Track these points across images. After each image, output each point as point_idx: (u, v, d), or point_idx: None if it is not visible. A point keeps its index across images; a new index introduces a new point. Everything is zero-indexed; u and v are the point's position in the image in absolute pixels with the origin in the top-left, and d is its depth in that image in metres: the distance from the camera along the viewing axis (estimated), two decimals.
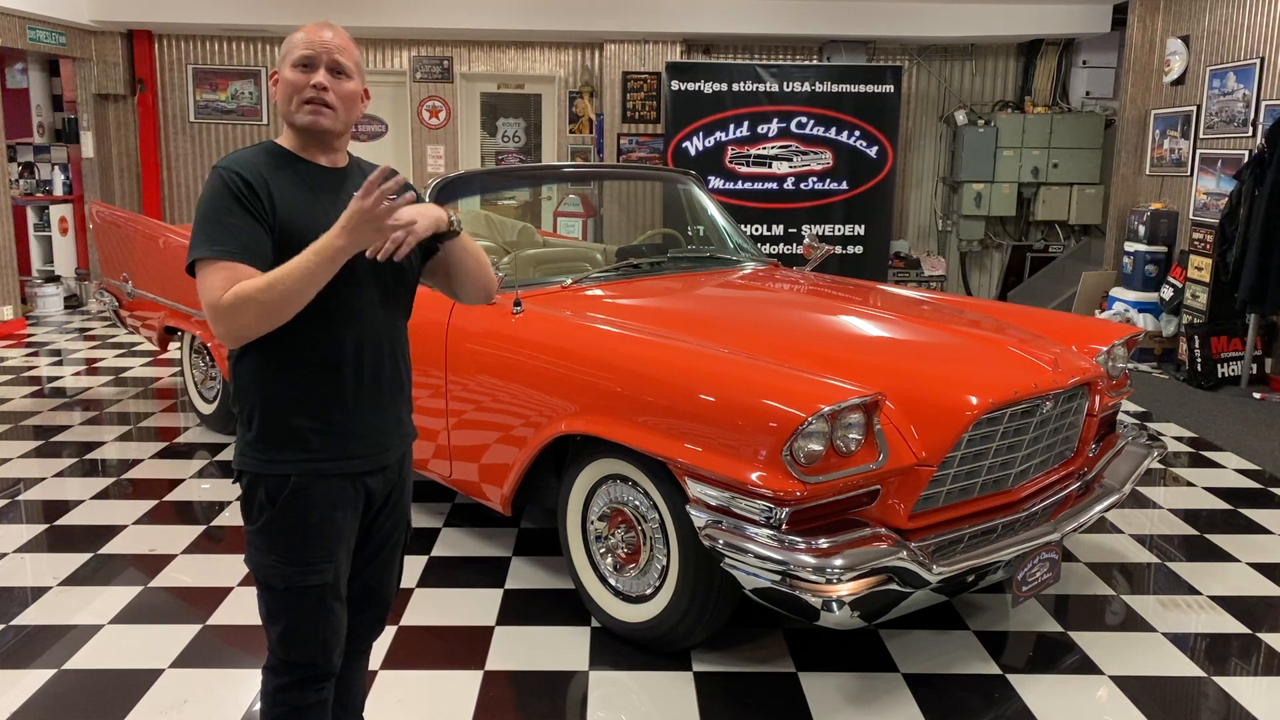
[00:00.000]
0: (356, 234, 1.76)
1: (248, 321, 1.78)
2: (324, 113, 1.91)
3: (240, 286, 1.77)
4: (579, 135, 9.78)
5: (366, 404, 1.97)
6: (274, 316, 1.79)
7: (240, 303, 1.76)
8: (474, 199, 5.56)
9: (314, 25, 1.96)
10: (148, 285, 5.42)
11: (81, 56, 9.13)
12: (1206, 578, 3.69)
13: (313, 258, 1.77)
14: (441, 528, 4.06)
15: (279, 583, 1.93)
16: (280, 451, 1.90)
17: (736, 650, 3.10)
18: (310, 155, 1.96)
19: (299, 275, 1.76)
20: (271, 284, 1.76)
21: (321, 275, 1.78)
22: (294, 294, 1.77)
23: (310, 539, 1.92)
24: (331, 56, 1.91)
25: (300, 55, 1.91)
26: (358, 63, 1.98)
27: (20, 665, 2.95)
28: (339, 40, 1.94)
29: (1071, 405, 3.19)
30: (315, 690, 1.99)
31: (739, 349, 3.06)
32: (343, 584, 2.00)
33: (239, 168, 1.86)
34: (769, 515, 2.58)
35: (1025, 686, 2.92)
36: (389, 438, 2.02)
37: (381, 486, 2.03)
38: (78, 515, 4.16)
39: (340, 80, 1.93)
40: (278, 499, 1.90)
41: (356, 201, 1.75)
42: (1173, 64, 7.78)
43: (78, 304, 9.45)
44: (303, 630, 1.95)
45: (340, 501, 1.95)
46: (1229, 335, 6.83)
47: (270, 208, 1.85)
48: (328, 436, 1.92)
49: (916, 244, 10.20)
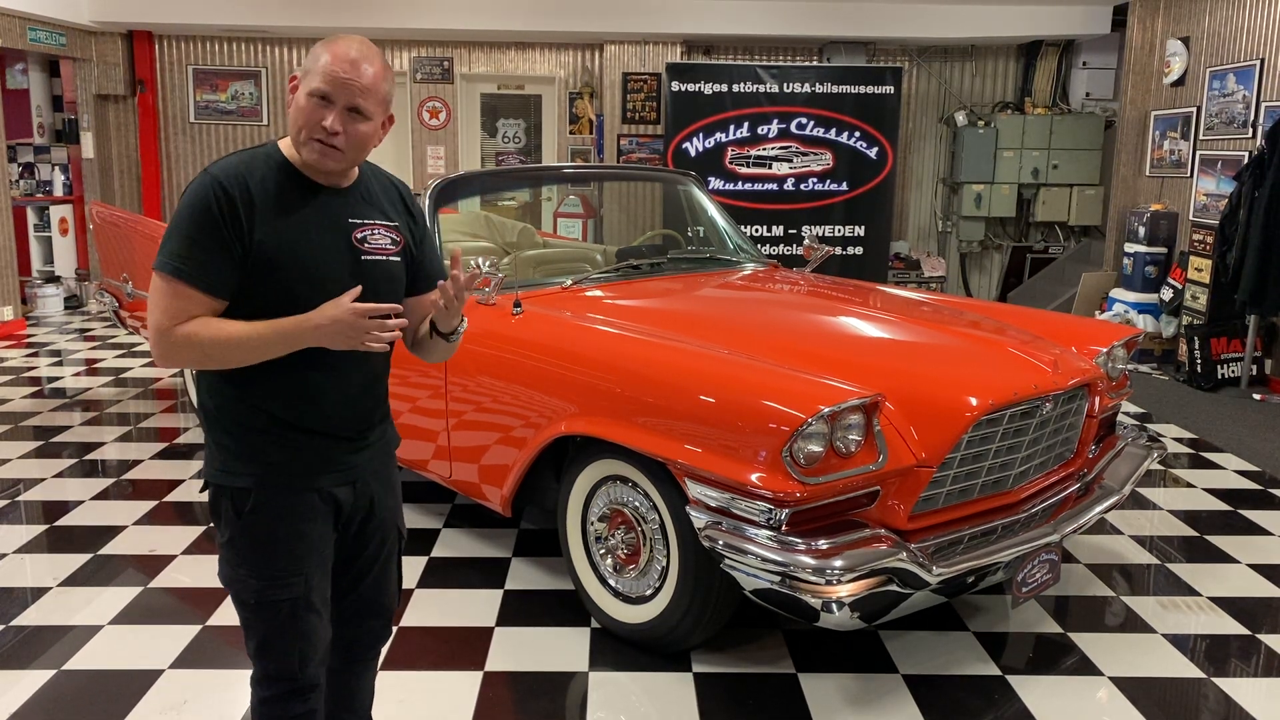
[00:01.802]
0: (330, 339, 1.75)
1: (183, 360, 1.80)
2: (331, 154, 1.81)
3: (193, 329, 1.74)
4: (579, 136, 9.78)
5: (333, 415, 1.90)
6: (212, 365, 1.80)
7: (186, 344, 1.76)
8: (474, 200, 5.57)
9: (343, 44, 1.80)
10: (148, 286, 5.40)
11: (82, 57, 9.13)
12: (1206, 579, 3.69)
13: (273, 337, 1.75)
14: (441, 529, 4.06)
15: (249, 596, 1.89)
16: (241, 463, 1.86)
17: (736, 651, 3.10)
18: (311, 173, 1.87)
19: (252, 346, 1.75)
20: (223, 342, 1.75)
21: (277, 353, 1.77)
22: (240, 358, 1.77)
23: (278, 553, 1.87)
24: (353, 101, 1.78)
25: (319, 88, 1.77)
26: (384, 100, 1.84)
27: (20, 666, 2.95)
28: (367, 79, 1.78)
29: (1071, 406, 3.19)
30: (300, 701, 1.96)
31: (739, 350, 3.06)
32: (319, 597, 1.94)
33: (226, 179, 1.77)
34: (769, 516, 2.58)
35: (1025, 687, 2.92)
36: (357, 447, 1.96)
37: (352, 498, 1.96)
38: (78, 516, 4.16)
39: (356, 121, 1.80)
40: (242, 512, 1.86)
41: (346, 310, 1.72)
42: (1173, 65, 7.79)
43: (78, 304, 9.45)
44: (278, 644, 1.92)
45: (306, 515, 1.89)
46: (1229, 336, 6.83)
47: (249, 229, 1.76)
48: (289, 450, 1.87)
49: (916, 245, 10.20)
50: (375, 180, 2.00)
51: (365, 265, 1.89)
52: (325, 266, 1.83)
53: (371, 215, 1.93)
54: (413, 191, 2.12)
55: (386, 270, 1.93)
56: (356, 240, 1.89)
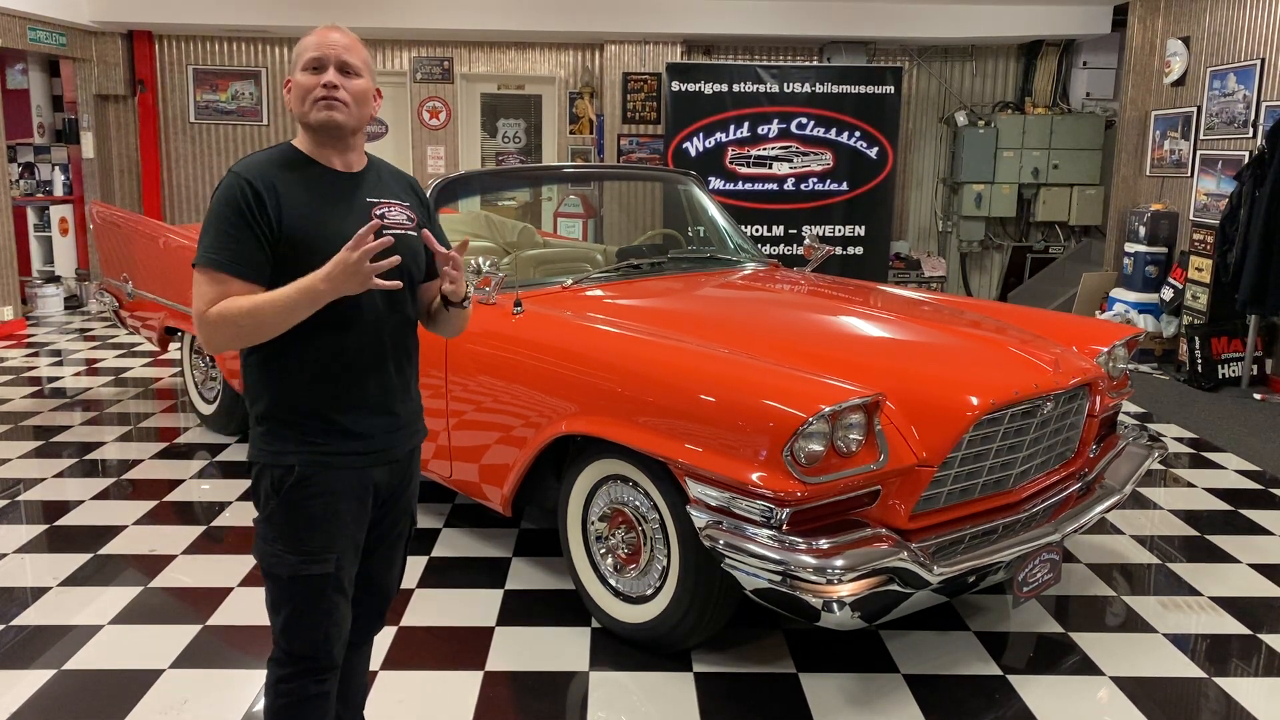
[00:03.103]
0: (338, 282, 1.82)
1: (224, 340, 1.88)
2: (337, 107, 1.94)
3: (224, 306, 1.85)
4: (579, 136, 9.78)
5: (371, 403, 2.01)
6: (249, 339, 1.89)
7: (221, 322, 1.86)
8: (474, 199, 5.57)
9: (321, 29, 2.01)
10: (148, 286, 5.41)
11: (82, 57, 9.13)
12: (1207, 579, 3.69)
13: (295, 295, 1.83)
14: (442, 528, 4.06)
15: (283, 571, 1.96)
16: (285, 443, 1.95)
17: (737, 651, 3.09)
18: (325, 159, 1.99)
19: (278, 309, 1.84)
20: (251, 311, 1.84)
21: (300, 312, 1.85)
22: (271, 324, 1.85)
23: (313, 528, 1.95)
24: (340, 57, 1.96)
25: (310, 58, 1.96)
26: (366, 62, 2.02)
27: (20, 666, 2.95)
28: (346, 40, 1.99)
29: (1072, 406, 3.19)
30: (317, 682, 2.02)
31: (739, 349, 3.06)
32: (347, 578, 2.02)
33: (250, 174, 1.91)
34: (769, 515, 2.58)
35: (1026, 687, 2.92)
36: (395, 435, 2.06)
37: (388, 479, 2.07)
38: (78, 516, 4.16)
39: (350, 78, 1.97)
40: (282, 488, 1.94)
41: (345, 251, 1.80)
42: (1173, 65, 7.78)
43: (78, 304, 9.45)
44: (304, 621, 1.99)
45: (345, 492, 1.98)
46: (1229, 336, 6.83)
47: (276, 217, 1.89)
48: (332, 434, 1.97)
49: (917, 245, 10.20)
50: (385, 169, 2.13)
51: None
52: None
53: (386, 195, 2.07)
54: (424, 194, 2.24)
55: (408, 244, 2.03)
56: (376, 216, 2.00)
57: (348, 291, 1.83)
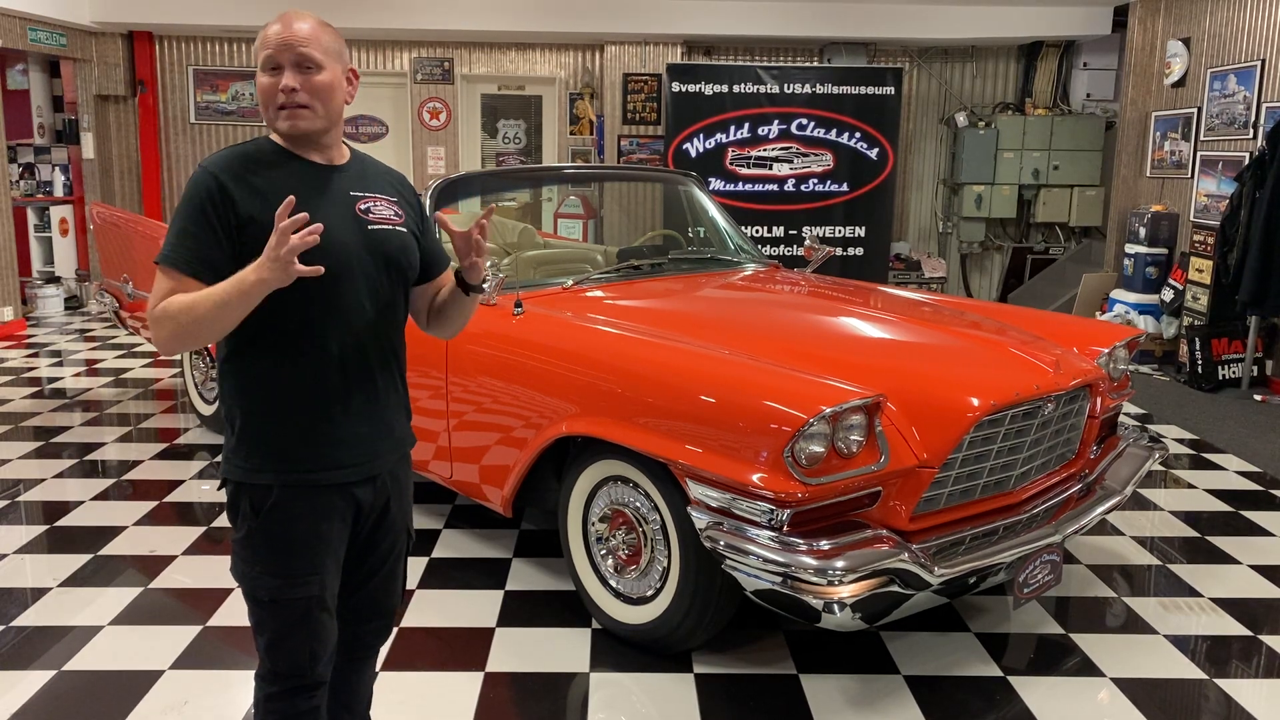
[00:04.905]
0: (264, 272, 1.69)
1: (166, 336, 1.78)
2: (300, 114, 1.83)
3: (168, 303, 1.75)
4: (579, 137, 9.78)
5: (355, 411, 1.90)
6: (191, 336, 1.77)
7: (162, 318, 1.76)
8: (474, 200, 5.56)
9: (280, 17, 1.85)
10: (148, 286, 5.41)
11: (82, 57, 9.13)
12: (1207, 580, 3.69)
13: (227, 289, 1.71)
14: (442, 529, 4.05)
15: (264, 595, 1.88)
16: (263, 460, 1.85)
17: (738, 652, 3.09)
18: (303, 152, 1.89)
19: (211, 304, 1.72)
20: (188, 307, 1.73)
21: (235, 307, 1.72)
22: (208, 320, 1.73)
23: (295, 552, 1.86)
24: (295, 52, 1.81)
25: (265, 57, 1.82)
26: (329, 49, 1.85)
27: (20, 666, 2.95)
28: (306, 29, 1.82)
29: (1073, 407, 3.19)
30: (306, 698, 1.95)
31: (740, 350, 3.06)
32: (330, 596, 1.94)
33: (217, 169, 1.82)
34: (770, 517, 2.58)
35: (1026, 688, 2.92)
36: (379, 446, 1.95)
37: (371, 497, 1.96)
38: (78, 516, 4.15)
39: (310, 75, 1.82)
40: (261, 510, 1.85)
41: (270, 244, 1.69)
42: (1173, 66, 7.79)
43: (78, 305, 9.45)
44: (289, 642, 1.91)
45: (327, 514, 1.89)
46: (1230, 337, 6.83)
47: (240, 214, 1.78)
48: (312, 447, 1.87)
49: (917, 246, 10.20)
50: (370, 164, 2.03)
51: (374, 235, 1.91)
52: (335, 235, 1.82)
53: (370, 190, 1.96)
54: (414, 192, 2.13)
55: (398, 240, 1.95)
56: (360, 211, 1.91)
57: (276, 283, 1.69)
